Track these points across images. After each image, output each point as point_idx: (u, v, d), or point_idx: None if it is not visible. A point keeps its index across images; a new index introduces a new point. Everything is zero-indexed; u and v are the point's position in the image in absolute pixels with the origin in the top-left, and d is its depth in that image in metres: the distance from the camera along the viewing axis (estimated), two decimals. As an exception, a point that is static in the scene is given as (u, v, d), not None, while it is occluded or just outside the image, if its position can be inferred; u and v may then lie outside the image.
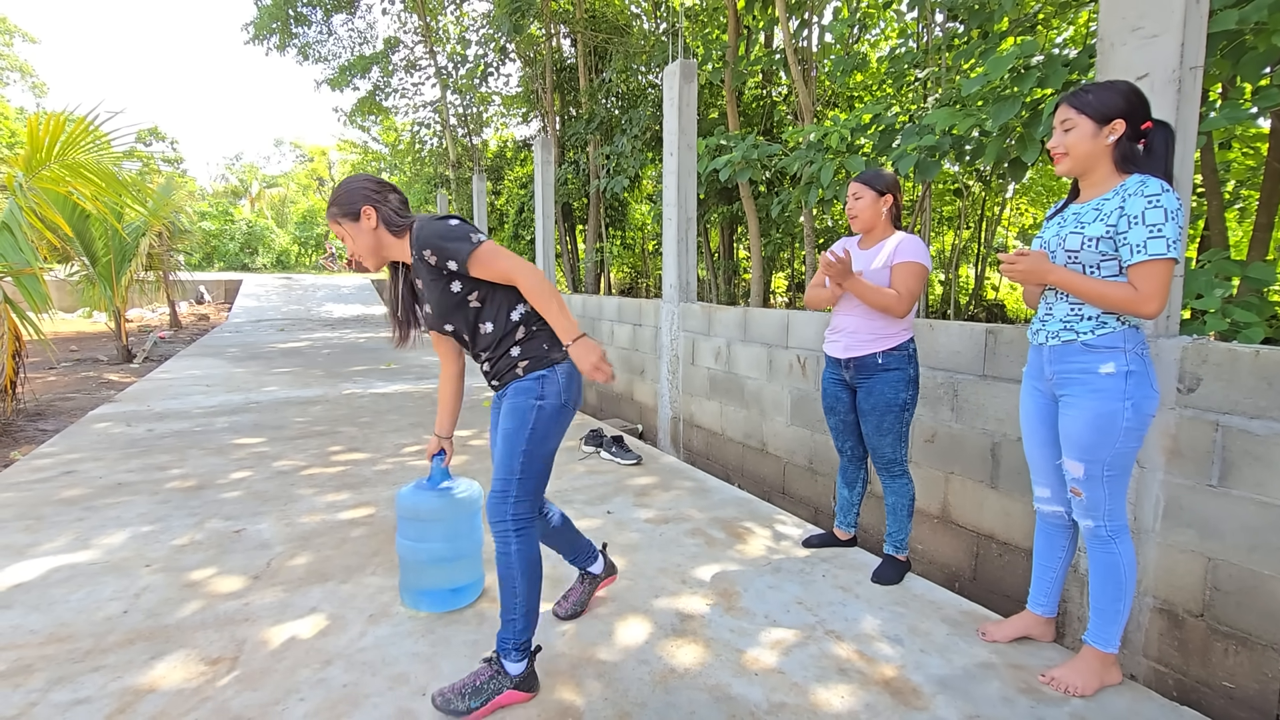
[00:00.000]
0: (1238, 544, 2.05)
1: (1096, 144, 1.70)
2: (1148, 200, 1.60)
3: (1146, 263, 1.60)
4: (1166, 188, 1.61)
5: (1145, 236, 1.59)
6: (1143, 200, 1.61)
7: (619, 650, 2.03)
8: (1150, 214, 1.59)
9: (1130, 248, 1.62)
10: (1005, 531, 2.82)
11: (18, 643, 2.06)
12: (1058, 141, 1.77)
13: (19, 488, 3.53)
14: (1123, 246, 1.64)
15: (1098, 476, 1.73)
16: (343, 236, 1.80)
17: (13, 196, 5.09)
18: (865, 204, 2.41)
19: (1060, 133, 1.76)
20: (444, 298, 1.80)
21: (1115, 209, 1.66)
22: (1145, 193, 1.61)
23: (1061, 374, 1.78)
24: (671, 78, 4.96)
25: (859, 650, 2.03)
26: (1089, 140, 1.71)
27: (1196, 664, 2.19)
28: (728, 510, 3.24)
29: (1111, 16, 2.25)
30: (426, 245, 1.73)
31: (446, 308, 1.81)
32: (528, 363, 1.83)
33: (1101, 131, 1.69)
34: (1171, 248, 1.57)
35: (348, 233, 1.79)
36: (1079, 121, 1.71)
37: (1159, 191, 1.60)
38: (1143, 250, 1.60)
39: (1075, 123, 1.72)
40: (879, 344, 2.37)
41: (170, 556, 2.68)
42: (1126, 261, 1.64)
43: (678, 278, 5.04)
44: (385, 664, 1.95)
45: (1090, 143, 1.71)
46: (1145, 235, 1.59)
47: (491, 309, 1.82)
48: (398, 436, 4.64)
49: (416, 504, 2.20)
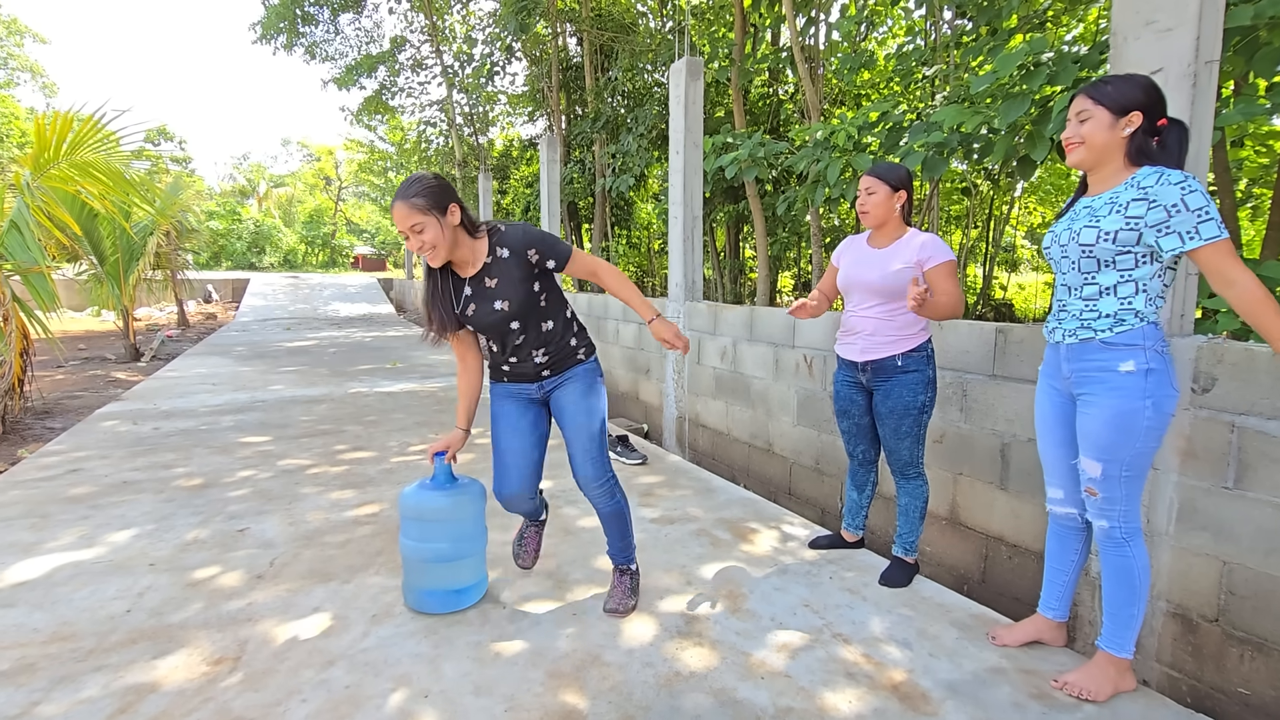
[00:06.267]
0: (1254, 547, 2.02)
1: (1113, 135, 1.67)
2: (1179, 187, 1.56)
3: (1209, 245, 1.55)
4: (1190, 175, 1.58)
5: (1195, 222, 1.55)
6: (1174, 189, 1.57)
7: (624, 652, 2.01)
8: (1191, 199, 1.55)
9: (1179, 235, 1.57)
10: (1015, 533, 2.78)
11: (21, 641, 2.05)
12: (1073, 132, 1.73)
13: (26, 485, 3.54)
14: (1165, 236, 1.59)
15: (1115, 476, 1.70)
16: (418, 227, 1.85)
17: (21, 195, 5.10)
18: (878, 199, 2.36)
19: (1075, 123, 1.72)
20: (527, 297, 2.01)
21: (1131, 200, 1.62)
22: (1172, 181, 1.57)
23: (1080, 372, 1.74)
24: (678, 76, 4.93)
25: (867, 654, 2.00)
26: (1105, 131, 1.67)
27: (1211, 670, 2.16)
28: (733, 511, 3.22)
29: (1125, 10, 2.21)
30: (533, 245, 1.98)
31: (526, 306, 2.02)
32: (585, 348, 2.17)
33: (1118, 123, 1.66)
34: (1221, 229, 1.54)
35: (428, 223, 1.85)
36: (1095, 112, 1.68)
37: (1184, 178, 1.57)
38: (1196, 235, 1.55)
39: (1092, 113, 1.68)
40: (899, 345, 2.33)
41: (174, 555, 2.68)
42: (1178, 249, 1.58)
43: (684, 276, 5.02)
44: (388, 665, 1.94)
45: (1106, 134, 1.67)
46: (1195, 220, 1.55)
47: (552, 309, 2.09)
48: (403, 435, 4.64)
49: (420, 504, 2.19)
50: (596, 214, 12.27)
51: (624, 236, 14.72)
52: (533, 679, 1.88)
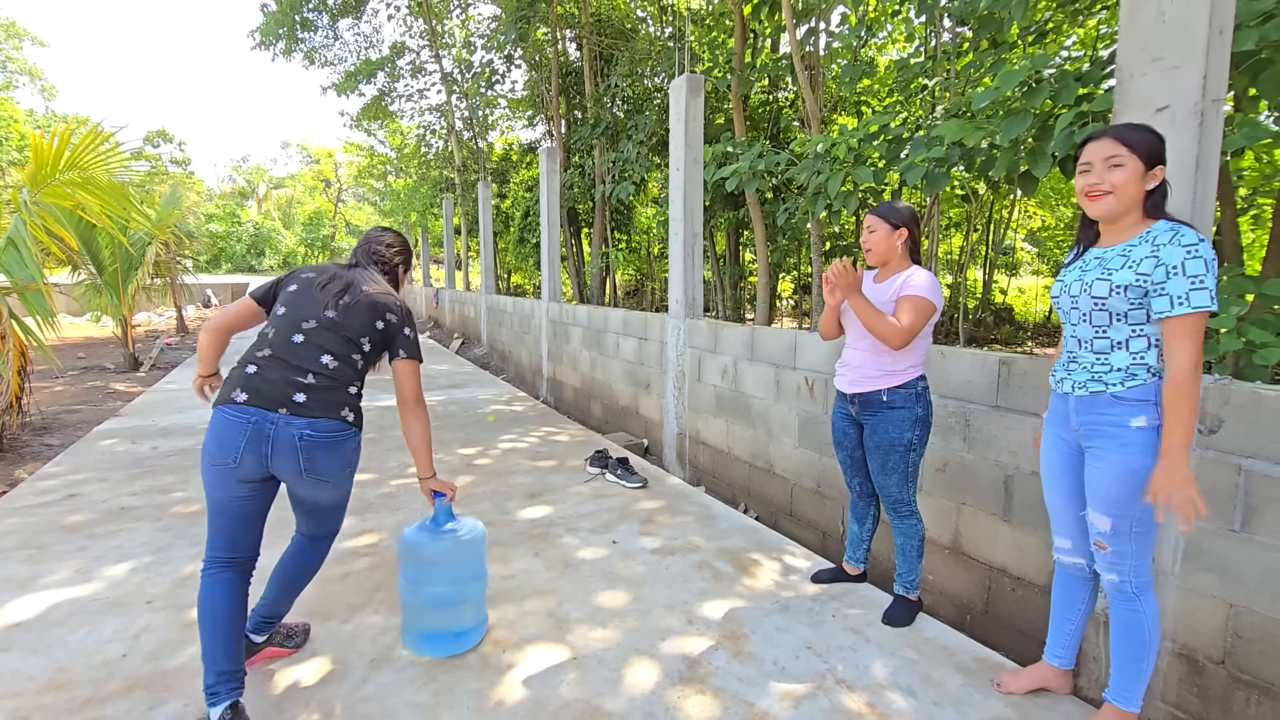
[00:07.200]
0: (1260, 591, 1.99)
1: (1141, 188, 1.63)
2: (1186, 251, 1.54)
3: (1189, 315, 1.53)
4: (1202, 238, 1.55)
5: (1188, 289, 1.53)
6: (1181, 250, 1.54)
7: (625, 700, 1.99)
8: (1190, 265, 1.53)
9: (1170, 299, 1.55)
10: (1018, 566, 2.76)
11: (15, 690, 2.03)
12: (1102, 179, 1.64)
13: (23, 513, 3.52)
14: (1158, 297, 1.57)
15: (1125, 531, 1.67)
16: None
17: (18, 212, 5.08)
18: (879, 237, 2.36)
19: (1106, 168, 1.64)
20: None
21: (1144, 256, 1.60)
22: (1182, 242, 1.55)
23: (1089, 425, 1.72)
24: (678, 92, 4.90)
25: (870, 702, 1.98)
26: (1137, 182, 1.62)
27: (1217, 712, 2.13)
28: (735, 540, 3.20)
29: (1131, 46, 2.18)
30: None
31: None
32: None
33: (1148, 175, 1.62)
34: (1213, 300, 1.52)
35: None
36: (1129, 161, 1.61)
37: (1195, 241, 1.54)
38: (1185, 303, 1.53)
39: (1125, 161, 1.61)
40: (885, 381, 2.32)
41: (171, 592, 2.65)
42: (1165, 313, 1.56)
43: (684, 293, 4.99)
44: (386, 716, 1.92)
45: (1138, 185, 1.62)
46: (1187, 287, 1.53)
47: None
48: (402, 455, 4.61)
49: (419, 547, 2.17)
50: (596, 220, 12.24)
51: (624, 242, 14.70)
52: (533, 731, 1.86)
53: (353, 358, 1.99)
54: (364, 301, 2.02)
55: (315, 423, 1.85)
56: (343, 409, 1.92)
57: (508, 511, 3.56)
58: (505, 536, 3.21)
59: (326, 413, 1.87)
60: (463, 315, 14.29)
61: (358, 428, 1.99)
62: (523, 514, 3.53)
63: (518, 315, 9.76)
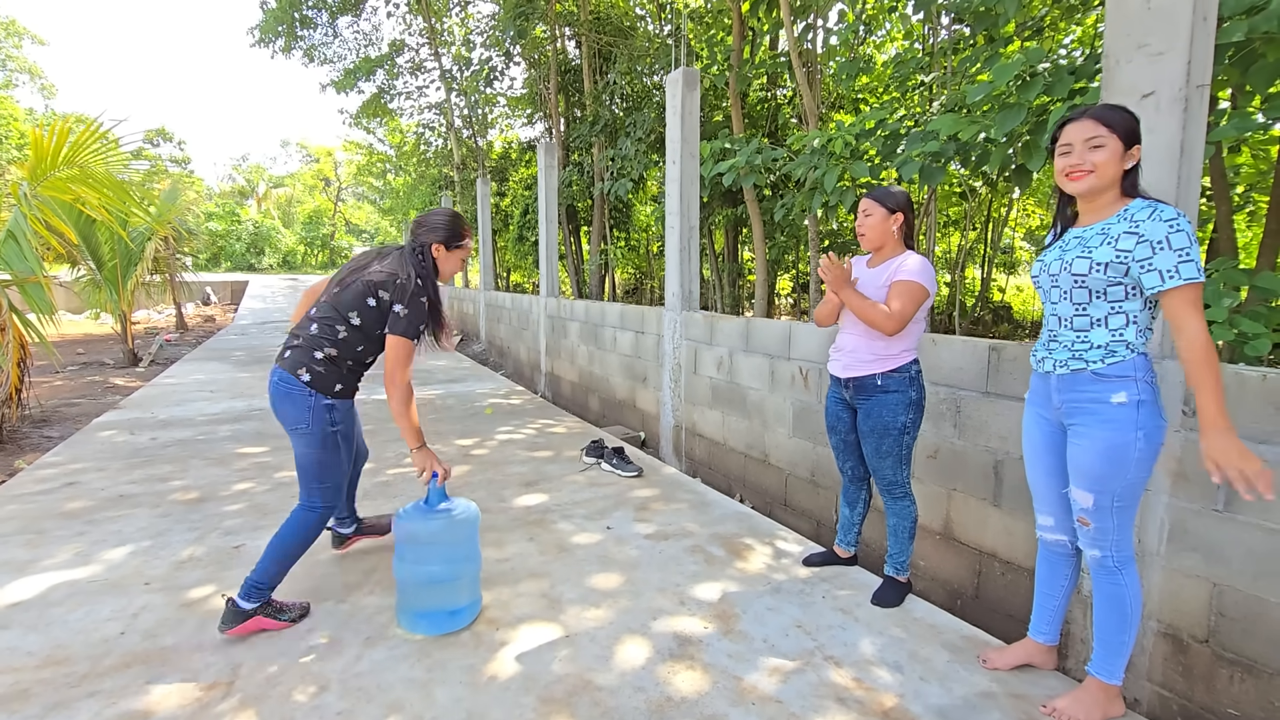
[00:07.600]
0: (1243, 570, 2.02)
1: (1120, 167, 1.66)
2: (1169, 225, 1.57)
3: (1183, 287, 1.55)
4: (1180, 213, 1.58)
5: (1175, 262, 1.55)
6: (1163, 225, 1.57)
7: (616, 675, 2.02)
8: (1175, 238, 1.56)
9: (1160, 274, 1.57)
10: (1008, 550, 2.79)
11: (15, 665, 2.06)
12: (1082, 159, 1.67)
13: (23, 500, 3.54)
14: (1148, 273, 1.59)
15: (1107, 507, 1.70)
16: None
17: (18, 205, 5.11)
18: (874, 221, 2.37)
19: (1086, 149, 1.66)
20: None
21: (1123, 233, 1.63)
22: (1163, 217, 1.58)
23: (1070, 403, 1.74)
24: (674, 86, 4.93)
25: (857, 678, 2.01)
26: (1117, 162, 1.65)
27: (1201, 690, 2.16)
28: (728, 526, 3.22)
29: (1117, 33, 2.21)
30: None
31: None
32: None
33: (1127, 154, 1.65)
34: (1200, 272, 1.54)
35: None
36: (1109, 141, 1.64)
37: (1175, 216, 1.57)
38: (1176, 275, 1.55)
39: (1105, 141, 1.64)
40: (878, 365, 2.34)
41: (169, 574, 2.68)
42: (1158, 288, 1.58)
43: (680, 286, 5.02)
44: (380, 690, 1.94)
45: (1117, 164, 1.65)
46: (1175, 260, 1.55)
47: None
48: (399, 445, 4.64)
49: (414, 527, 2.20)
50: (595, 218, 12.27)
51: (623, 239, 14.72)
52: (525, 705, 1.88)
53: (336, 328, 2.27)
54: (361, 280, 2.28)
55: (280, 372, 2.25)
56: (301, 368, 2.23)
57: (503, 499, 3.58)
58: (500, 523, 3.24)
59: (290, 367, 2.23)
60: (461, 312, 14.33)
61: (313, 389, 2.22)
62: (518, 501, 3.56)
63: (516, 311, 9.79)
